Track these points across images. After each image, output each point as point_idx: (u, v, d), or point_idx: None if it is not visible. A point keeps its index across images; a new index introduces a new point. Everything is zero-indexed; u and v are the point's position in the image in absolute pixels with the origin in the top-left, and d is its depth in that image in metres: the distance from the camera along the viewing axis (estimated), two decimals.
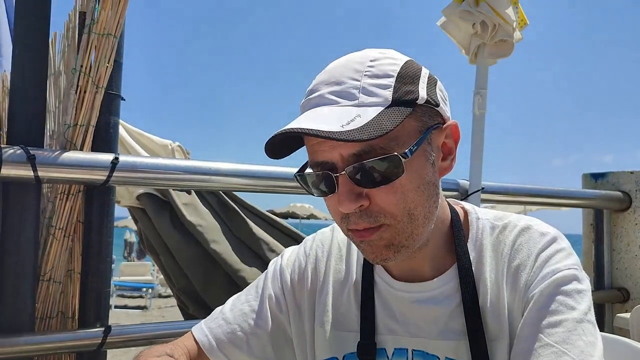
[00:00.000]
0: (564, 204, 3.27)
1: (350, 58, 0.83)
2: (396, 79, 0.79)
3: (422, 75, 0.83)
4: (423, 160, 0.81)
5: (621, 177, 3.12)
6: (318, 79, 0.83)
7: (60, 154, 1.55)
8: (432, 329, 0.89)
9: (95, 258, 1.74)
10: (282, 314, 1.01)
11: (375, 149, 0.76)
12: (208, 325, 1.01)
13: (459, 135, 0.88)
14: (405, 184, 0.78)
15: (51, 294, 1.69)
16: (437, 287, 0.89)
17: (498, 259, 0.89)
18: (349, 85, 0.79)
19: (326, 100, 0.79)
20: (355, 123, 0.73)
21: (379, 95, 0.77)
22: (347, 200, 0.78)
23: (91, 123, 1.68)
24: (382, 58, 0.82)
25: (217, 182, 1.84)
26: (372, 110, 0.75)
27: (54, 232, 1.67)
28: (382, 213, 0.79)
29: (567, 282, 0.82)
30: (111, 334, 1.68)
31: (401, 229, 0.81)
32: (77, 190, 1.71)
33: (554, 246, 0.87)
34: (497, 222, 0.92)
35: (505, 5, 2.26)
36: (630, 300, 2.98)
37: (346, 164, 0.78)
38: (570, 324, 0.79)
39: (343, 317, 0.96)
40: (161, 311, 11.60)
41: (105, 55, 1.69)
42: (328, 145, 0.78)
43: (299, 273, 1.02)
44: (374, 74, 0.79)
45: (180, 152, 3.19)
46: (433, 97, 0.82)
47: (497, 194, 2.59)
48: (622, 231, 3.09)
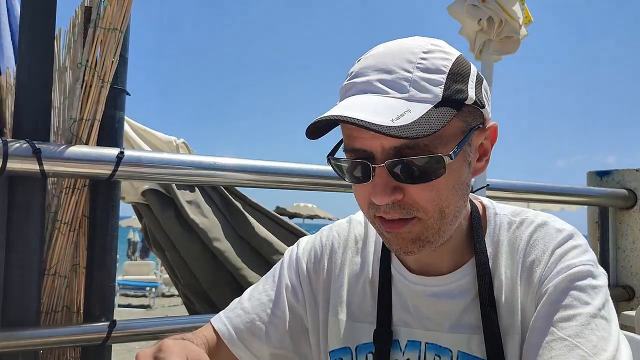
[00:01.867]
0: (569, 201, 3.26)
1: (402, 46, 0.81)
2: (447, 76, 0.78)
3: (472, 74, 0.82)
4: (462, 160, 0.81)
5: (626, 174, 3.11)
6: (364, 62, 0.82)
7: (65, 148, 1.56)
8: (445, 322, 0.89)
9: (101, 252, 1.74)
10: (298, 303, 1.01)
11: (420, 145, 0.75)
12: (227, 315, 1.02)
13: (497, 138, 0.89)
14: (442, 182, 0.78)
15: (56, 288, 1.69)
16: (453, 281, 0.90)
17: (514, 254, 0.89)
18: (399, 76, 0.77)
19: (375, 88, 0.78)
20: (405, 118, 0.72)
21: (430, 92, 0.76)
22: (383, 192, 0.77)
23: (97, 117, 1.69)
24: (435, 51, 0.80)
25: (222, 177, 1.84)
26: (422, 107, 0.74)
27: (60, 227, 1.67)
28: (415, 207, 0.79)
29: (582, 278, 0.82)
30: (116, 328, 1.68)
31: (431, 224, 0.81)
32: (83, 184, 1.71)
33: (570, 242, 0.86)
34: (514, 218, 0.92)
35: (512, 2, 2.26)
36: (636, 298, 2.97)
37: (386, 156, 0.77)
38: (583, 319, 0.78)
39: (358, 308, 0.96)
40: (164, 310, 11.62)
41: (110, 50, 1.69)
42: (370, 134, 0.76)
43: (314, 262, 1.03)
44: (426, 67, 0.78)
45: (184, 148, 3.19)
46: (480, 98, 0.82)
47: (502, 190, 2.58)
48: (627, 229, 3.08)
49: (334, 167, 0.86)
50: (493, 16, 2.29)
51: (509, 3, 2.27)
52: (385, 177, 0.77)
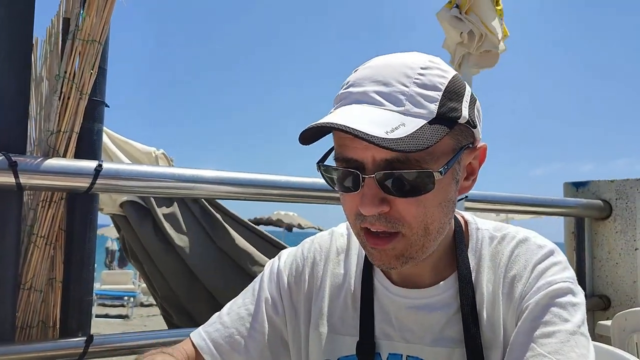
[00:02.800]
0: (546, 212, 3.30)
1: (400, 60, 0.82)
2: (443, 94, 0.79)
3: (466, 94, 0.83)
4: (450, 178, 0.82)
5: (602, 185, 3.16)
6: (362, 73, 0.82)
7: (42, 161, 1.54)
8: (427, 335, 0.90)
9: (78, 266, 1.71)
10: (278, 317, 1.01)
11: (411, 160, 0.76)
12: (206, 330, 1.01)
13: (485, 158, 0.90)
14: (430, 199, 0.79)
15: (32, 303, 1.66)
16: (435, 295, 0.90)
17: (495, 269, 0.90)
18: (396, 89, 0.78)
19: (370, 99, 0.78)
20: (399, 132, 0.73)
21: (425, 107, 0.77)
22: (371, 203, 0.77)
23: (74, 130, 1.67)
24: (433, 68, 0.81)
25: (201, 189, 1.83)
26: (416, 122, 0.75)
27: (36, 240, 1.65)
28: (401, 221, 0.80)
29: (562, 295, 0.83)
30: (93, 343, 1.66)
31: (415, 241, 0.81)
32: (60, 197, 1.69)
33: (550, 259, 0.88)
34: (496, 233, 0.94)
35: (491, 17, 2.30)
36: (612, 308, 3.02)
37: (376, 168, 0.77)
38: (563, 336, 0.79)
39: (339, 320, 0.96)
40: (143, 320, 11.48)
41: (89, 62, 1.68)
42: (362, 144, 0.77)
43: (296, 275, 1.03)
44: (423, 83, 0.79)
45: (164, 159, 3.16)
46: (472, 118, 0.83)
47: (480, 202, 2.61)
48: (603, 239, 3.13)
49: (324, 175, 0.86)
50: (474, 30, 2.32)
51: (489, 18, 2.31)
52: (374, 188, 0.78)
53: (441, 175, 0.77)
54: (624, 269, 3.02)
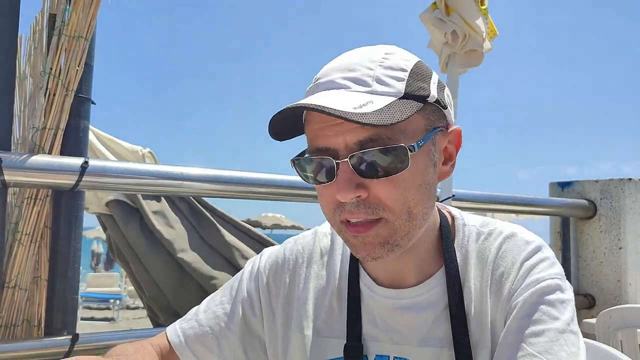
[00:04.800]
0: (532, 211, 3.33)
1: (364, 50, 0.83)
2: (410, 74, 0.79)
3: (434, 77, 0.84)
4: (427, 159, 0.81)
5: (586, 185, 3.19)
6: (328, 66, 0.83)
7: (27, 158, 1.52)
8: (414, 336, 0.88)
9: (63, 264, 1.69)
10: (255, 317, 1.00)
11: (383, 138, 0.75)
12: (182, 326, 1.01)
13: (461, 143, 0.88)
14: (408, 179, 0.78)
15: (16, 301, 1.64)
16: (421, 294, 0.89)
17: (483, 266, 0.88)
18: (362, 73, 0.78)
19: (337, 85, 0.78)
20: (367, 107, 0.72)
21: (392, 86, 0.77)
22: (346, 188, 0.76)
23: (60, 126, 1.65)
24: (397, 52, 0.82)
25: (188, 187, 1.82)
26: (385, 99, 0.75)
27: (20, 238, 1.63)
28: (381, 206, 0.78)
29: (551, 292, 0.82)
30: (78, 342, 1.64)
31: (399, 226, 0.79)
32: (45, 194, 1.67)
33: (538, 255, 0.87)
34: (482, 229, 0.92)
35: (475, 16, 2.31)
36: (596, 306, 3.05)
37: (349, 152, 0.76)
38: (552, 334, 0.78)
39: (325, 323, 0.95)
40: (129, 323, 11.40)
41: (75, 58, 1.67)
42: (334, 130, 0.76)
43: (275, 277, 1.01)
44: (388, 65, 0.79)
45: (150, 158, 3.15)
46: (442, 99, 0.83)
47: (467, 201, 2.62)
48: (587, 238, 3.16)
49: (298, 170, 0.84)
50: (457, 30, 2.33)
51: (472, 17, 2.32)
52: (349, 173, 0.76)
53: (413, 151, 0.76)
54: (608, 268, 3.06)
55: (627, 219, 3.05)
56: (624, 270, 3.01)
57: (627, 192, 3.07)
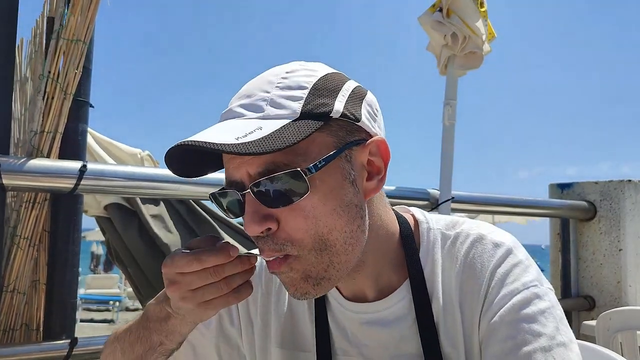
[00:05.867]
0: (532, 213, 3.33)
1: (269, 71, 0.79)
2: (310, 91, 0.74)
3: (344, 89, 0.77)
4: (339, 178, 0.74)
5: (586, 187, 3.19)
6: (235, 94, 0.79)
7: (26, 161, 1.52)
8: (383, 352, 0.84)
9: (62, 268, 1.69)
10: (233, 327, 0.96)
11: (280, 165, 0.70)
12: None
13: (389, 153, 0.80)
14: (317, 206, 0.72)
15: (15, 305, 1.64)
16: (385, 308, 0.84)
17: (450, 275, 0.83)
18: (257, 98, 0.74)
19: (233, 114, 0.74)
20: (253, 135, 0.67)
21: (287, 107, 0.72)
22: (252, 221, 0.71)
23: (59, 130, 1.65)
24: (300, 70, 0.77)
25: (186, 190, 1.82)
26: (276, 123, 0.70)
27: (19, 242, 1.63)
28: (289, 240, 0.72)
29: (528, 304, 0.76)
30: (77, 346, 1.63)
31: (313, 259, 0.73)
32: (44, 198, 1.67)
33: (509, 260, 0.80)
34: (448, 232, 0.86)
35: (475, 18, 2.31)
36: (596, 308, 3.04)
37: (252, 182, 0.71)
38: (539, 356, 0.73)
39: (299, 336, 0.91)
40: None
41: (74, 62, 1.66)
42: (237, 162, 0.72)
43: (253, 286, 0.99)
44: (286, 85, 0.74)
45: (149, 161, 3.14)
46: (353, 112, 0.75)
47: (467, 203, 2.62)
48: (587, 240, 3.16)
49: (216, 205, 0.79)
50: (457, 32, 2.33)
51: (472, 19, 2.32)
52: (254, 205, 0.71)
53: (311, 173, 0.70)
54: (608, 270, 3.05)
55: (626, 221, 3.04)
56: (623, 272, 3.01)
57: (627, 193, 3.06)
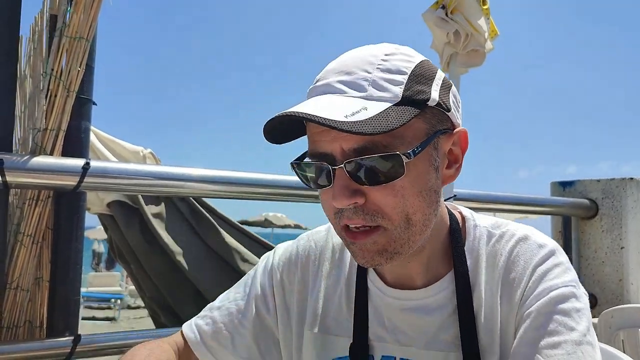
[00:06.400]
0: (533, 211, 3.33)
1: (364, 50, 0.81)
2: (409, 77, 0.77)
3: (437, 78, 0.81)
4: (427, 164, 0.78)
5: (588, 185, 3.19)
6: (328, 67, 0.81)
7: (29, 159, 1.52)
8: (421, 338, 0.87)
9: (65, 265, 1.69)
10: (269, 314, 0.99)
11: (378, 145, 0.73)
12: (197, 323, 1.02)
13: (467, 144, 0.86)
14: (407, 186, 0.76)
15: (18, 303, 1.64)
16: (429, 296, 0.87)
17: (494, 270, 0.86)
18: (358, 77, 0.76)
19: (333, 89, 0.77)
20: (360, 115, 0.70)
21: (389, 91, 0.75)
22: (342, 195, 0.75)
23: (62, 127, 1.65)
24: (397, 53, 0.79)
25: (189, 188, 1.82)
26: (380, 105, 0.73)
27: (22, 239, 1.63)
28: (379, 213, 0.76)
29: (565, 300, 0.80)
30: (81, 343, 1.64)
31: (397, 234, 0.78)
32: (47, 195, 1.67)
33: (551, 260, 0.84)
34: (494, 230, 0.90)
35: (477, 16, 2.31)
36: (598, 306, 3.04)
37: (345, 158, 0.74)
38: (569, 347, 0.76)
39: (334, 321, 0.94)
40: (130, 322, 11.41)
41: (77, 59, 1.66)
42: (330, 136, 0.75)
43: (289, 274, 1.01)
44: (387, 68, 0.77)
45: (152, 158, 3.14)
46: (445, 101, 0.80)
47: (468, 201, 2.62)
48: (589, 238, 3.16)
49: (298, 173, 0.84)
50: (459, 29, 2.33)
51: (475, 17, 2.32)
52: (344, 179, 0.75)
53: (409, 158, 0.74)
54: (610, 268, 3.05)
55: (628, 219, 3.04)
56: (625, 269, 3.01)
57: (629, 191, 3.06)
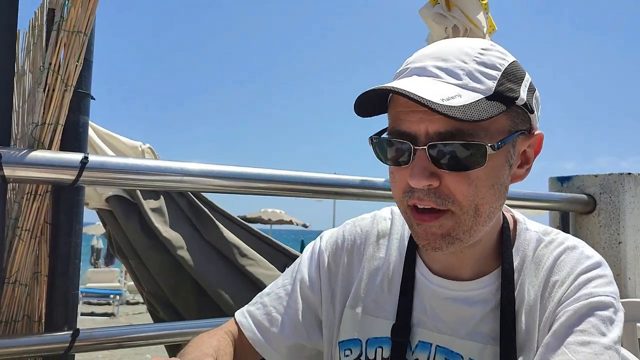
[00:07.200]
0: (531, 206, 3.33)
1: (462, 41, 0.83)
2: (502, 74, 0.79)
3: (526, 79, 0.83)
4: (504, 160, 0.81)
5: (586, 180, 3.19)
6: (422, 52, 0.83)
7: (27, 153, 1.52)
8: (460, 328, 0.89)
9: (63, 260, 1.69)
10: (314, 296, 1.04)
11: (464, 133, 0.75)
12: (248, 309, 1.07)
13: (541, 148, 0.89)
14: (482, 177, 0.78)
15: (17, 297, 1.65)
16: (475, 289, 0.90)
17: (538, 272, 0.89)
18: (455, 65, 0.78)
19: (429, 72, 0.79)
20: (454, 101, 0.73)
21: (483, 83, 0.77)
22: (420, 175, 0.77)
23: (60, 122, 1.65)
24: (493, 50, 0.82)
25: (188, 182, 1.82)
26: (473, 95, 0.75)
27: (20, 234, 1.63)
28: (451, 198, 0.79)
29: (604, 308, 0.82)
30: (79, 337, 1.64)
31: (464, 221, 0.80)
32: (45, 190, 1.67)
33: (597, 271, 0.87)
34: (544, 237, 0.93)
35: (476, 11, 2.31)
36: None
37: (429, 140, 0.77)
38: (597, 348, 0.78)
39: (374, 302, 0.98)
40: (129, 318, 11.43)
41: (75, 53, 1.66)
42: (417, 116, 0.77)
43: (335, 257, 1.05)
44: (482, 61, 0.79)
45: (150, 154, 3.14)
46: (530, 103, 0.82)
47: None
48: (587, 233, 3.16)
49: (375, 147, 0.85)
50: (458, 25, 2.33)
51: (474, 12, 2.32)
52: (424, 161, 0.77)
53: (493, 151, 0.76)
54: (608, 262, 3.05)
55: (626, 214, 3.05)
56: (623, 264, 3.01)
57: (627, 186, 3.07)
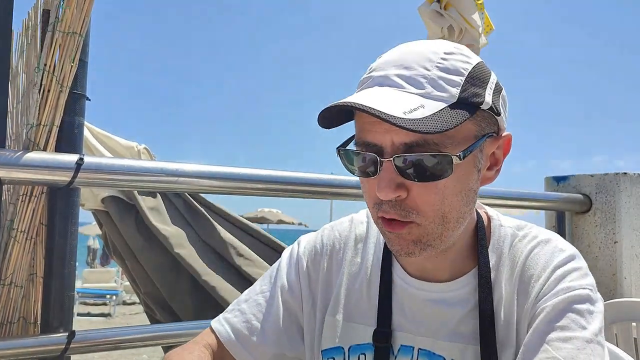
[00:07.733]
0: (527, 206, 3.33)
1: (423, 46, 0.82)
2: (466, 79, 0.78)
3: (491, 81, 0.82)
4: (471, 165, 0.81)
5: (582, 180, 3.20)
6: (385, 58, 0.82)
7: (22, 154, 1.51)
8: (441, 330, 0.89)
9: (59, 261, 1.69)
10: (295, 302, 1.02)
11: (430, 143, 0.75)
12: (225, 317, 1.04)
13: (510, 149, 0.88)
14: (449, 186, 0.78)
15: (12, 299, 1.64)
16: (453, 290, 0.90)
17: (513, 267, 0.89)
18: (417, 73, 0.77)
19: (391, 82, 0.78)
20: (417, 113, 0.72)
21: (446, 91, 0.77)
22: (387, 187, 0.76)
23: (55, 123, 1.64)
24: (456, 53, 0.81)
25: (184, 183, 1.81)
26: (436, 105, 0.75)
27: (16, 235, 1.62)
28: (415, 210, 0.79)
29: (581, 302, 0.82)
30: (75, 339, 1.63)
31: (431, 230, 0.80)
32: (40, 191, 1.66)
33: (571, 264, 0.87)
34: (518, 232, 0.93)
35: (471, 11, 2.31)
36: None
37: (395, 152, 0.76)
38: (579, 342, 0.78)
39: (355, 308, 0.97)
40: (125, 318, 11.41)
41: (70, 54, 1.65)
42: (382, 128, 0.76)
43: (314, 262, 1.04)
44: (445, 67, 0.78)
45: (146, 154, 3.13)
46: (496, 105, 0.82)
47: None
48: (583, 233, 3.17)
49: (343, 159, 0.86)
50: (453, 24, 2.33)
51: (469, 11, 2.32)
52: (391, 172, 0.77)
53: (460, 160, 0.76)
54: (603, 262, 3.07)
55: (622, 213, 3.06)
56: (619, 264, 3.02)
57: (623, 186, 3.07)
